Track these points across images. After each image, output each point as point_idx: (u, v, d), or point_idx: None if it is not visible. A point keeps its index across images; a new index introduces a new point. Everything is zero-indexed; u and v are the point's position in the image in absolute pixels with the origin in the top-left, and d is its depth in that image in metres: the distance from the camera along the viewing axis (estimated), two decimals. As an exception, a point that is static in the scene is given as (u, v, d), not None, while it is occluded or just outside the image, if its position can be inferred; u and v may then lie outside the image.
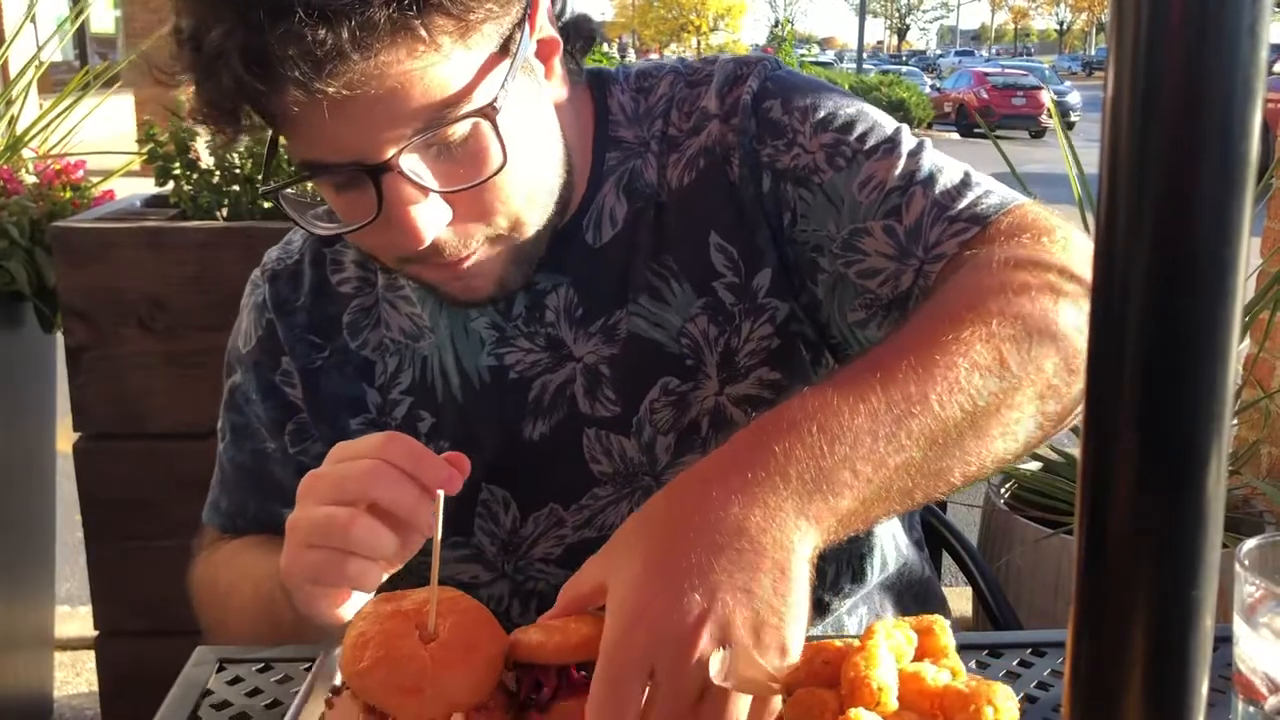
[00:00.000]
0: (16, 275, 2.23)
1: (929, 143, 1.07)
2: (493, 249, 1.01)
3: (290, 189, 1.00)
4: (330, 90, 0.85)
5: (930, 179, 1.02)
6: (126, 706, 2.26)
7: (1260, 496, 2.64)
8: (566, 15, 1.09)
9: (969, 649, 0.99)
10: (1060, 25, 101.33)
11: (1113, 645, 0.39)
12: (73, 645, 2.92)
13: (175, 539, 1.24)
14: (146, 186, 2.38)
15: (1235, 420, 2.81)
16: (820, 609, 1.16)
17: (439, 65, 0.89)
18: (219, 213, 2.23)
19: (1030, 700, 0.92)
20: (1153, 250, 0.37)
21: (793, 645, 0.74)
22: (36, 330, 2.36)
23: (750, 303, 1.08)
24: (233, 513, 1.21)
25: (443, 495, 0.82)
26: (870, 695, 0.66)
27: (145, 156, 2.26)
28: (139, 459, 2.17)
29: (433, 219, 0.94)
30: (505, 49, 0.95)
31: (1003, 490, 2.75)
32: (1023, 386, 0.83)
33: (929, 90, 28.89)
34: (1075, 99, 27.96)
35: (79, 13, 3.48)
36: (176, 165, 2.23)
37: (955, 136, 23.23)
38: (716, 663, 0.70)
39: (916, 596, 1.27)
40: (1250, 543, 0.76)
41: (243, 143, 2.19)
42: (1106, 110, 0.37)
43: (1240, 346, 2.59)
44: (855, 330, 1.05)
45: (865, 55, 48.38)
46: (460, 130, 0.93)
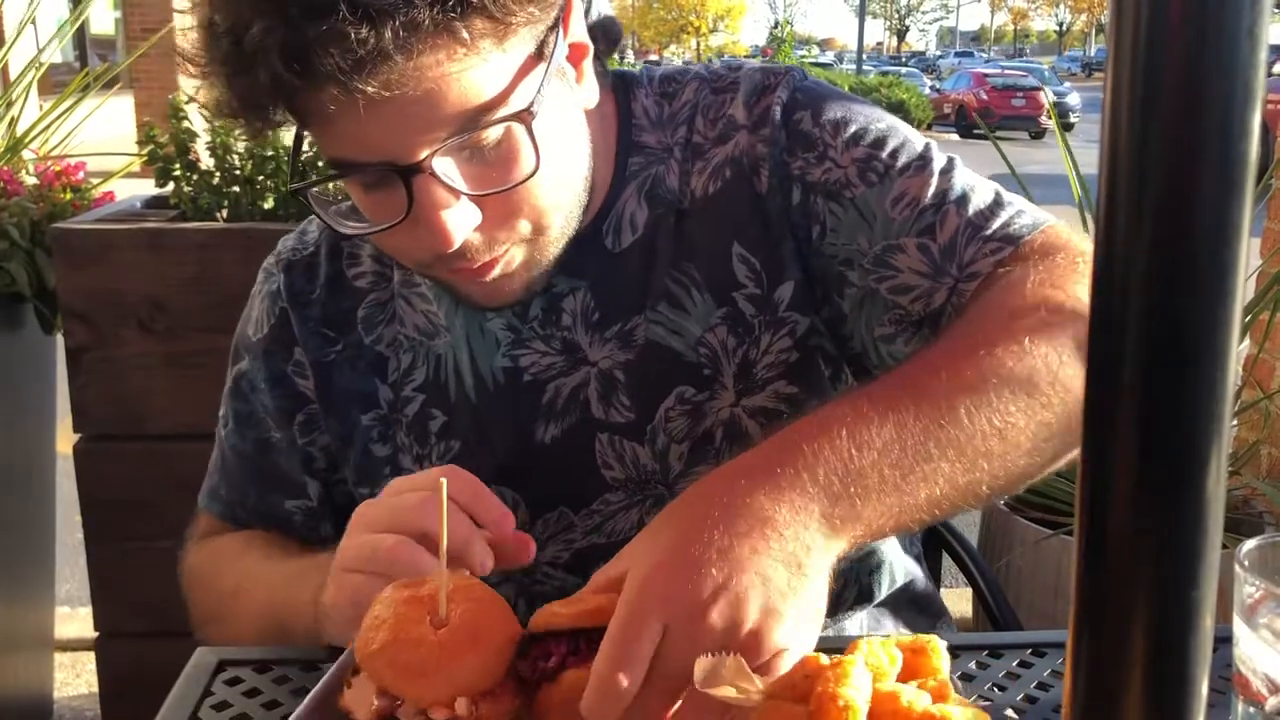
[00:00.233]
0: (17, 276, 2.23)
1: (959, 160, 1.08)
2: (518, 253, 1.00)
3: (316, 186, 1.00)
4: (369, 90, 0.84)
5: (963, 198, 1.03)
6: (126, 707, 2.26)
7: (1260, 497, 2.64)
8: (592, 16, 1.08)
9: (969, 650, 0.99)
10: (1060, 26, 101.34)
11: (1113, 646, 0.39)
12: (73, 646, 2.92)
13: (175, 540, 1.24)
14: (146, 188, 2.38)
15: (1235, 421, 2.81)
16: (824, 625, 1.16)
17: (477, 68, 0.89)
18: (219, 214, 2.23)
19: (1030, 701, 0.92)
20: (1152, 251, 0.37)
21: (798, 644, 0.75)
22: (37, 331, 2.36)
23: (771, 315, 1.08)
24: (233, 501, 1.21)
25: (445, 483, 0.82)
26: (837, 713, 0.66)
27: (145, 158, 2.26)
28: (139, 460, 2.17)
29: (462, 222, 0.93)
30: (540, 53, 0.94)
31: (1003, 491, 2.74)
32: (1052, 405, 0.84)
33: (928, 91, 28.89)
34: (1075, 100, 27.98)
35: (79, 14, 3.48)
36: (176, 166, 2.23)
37: (955, 137, 23.24)
38: (701, 668, 0.70)
39: (922, 610, 1.26)
40: (1250, 543, 0.76)
41: (242, 143, 2.21)
42: (1106, 111, 0.37)
43: (1240, 347, 2.59)
44: (880, 344, 1.06)
45: (865, 56, 48.36)
46: (494, 134, 0.92)
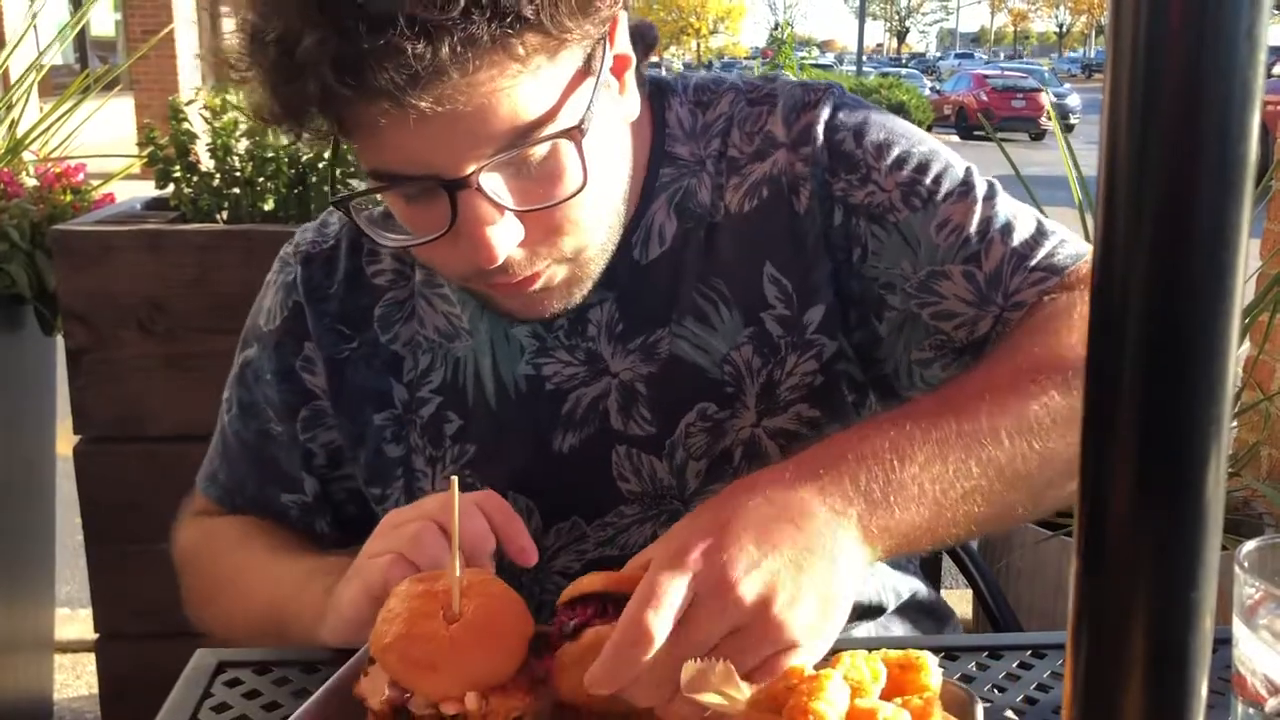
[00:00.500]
0: (17, 278, 2.23)
1: (999, 185, 1.08)
2: (558, 269, 0.99)
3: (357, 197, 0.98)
4: (422, 105, 0.83)
5: (1008, 227, 1.04)
6: (126, 709, 2.26)
7: (1260, 498, 2.64)
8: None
9: (969, 651, 0.99)
10: (1060, 28, 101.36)
11: (1112, 647, 0.39)
12: (73, 648, 2.91)
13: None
14: (147, 189, 2.38)
15: (1235, 422, 2.81)
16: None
17: (528, 84, 0.88)
18: (219, 216, 2.23)
19: (1030, 702, 0.92)
20: (1152, 252, 0.37)
21: (818, 640, 0.77)
22: (37, 333, 2.36)
23: (798, 337, 1.07)
24: (231, 488, 1.21)
25: (456, 480, 0.82)
26: None
27: (145, 160, 2.26)
28: (139, 462, 2.17)
29: (506, 237, 0.93)
30: (588, 67, 0.93)
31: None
32: None
33: (928, 93, 28.87)
34: (1075, 101, 27.98)
35: (80, 17, 3.48)
36: (177, 168, 2.23)
37: (955, 139, 23.25)
38: (688, 672, 0.71)
39: (929, 613, 1.26)
40: (1250, 545, 0.76)
41: (242, 145, 2.21)
42: (1105, 113, 0.37)
43: (1240, 349, 2.59)
44: (916, 368, 1.06)
45: (865, 58, 48.41)
46: (541, 150, 0.91)
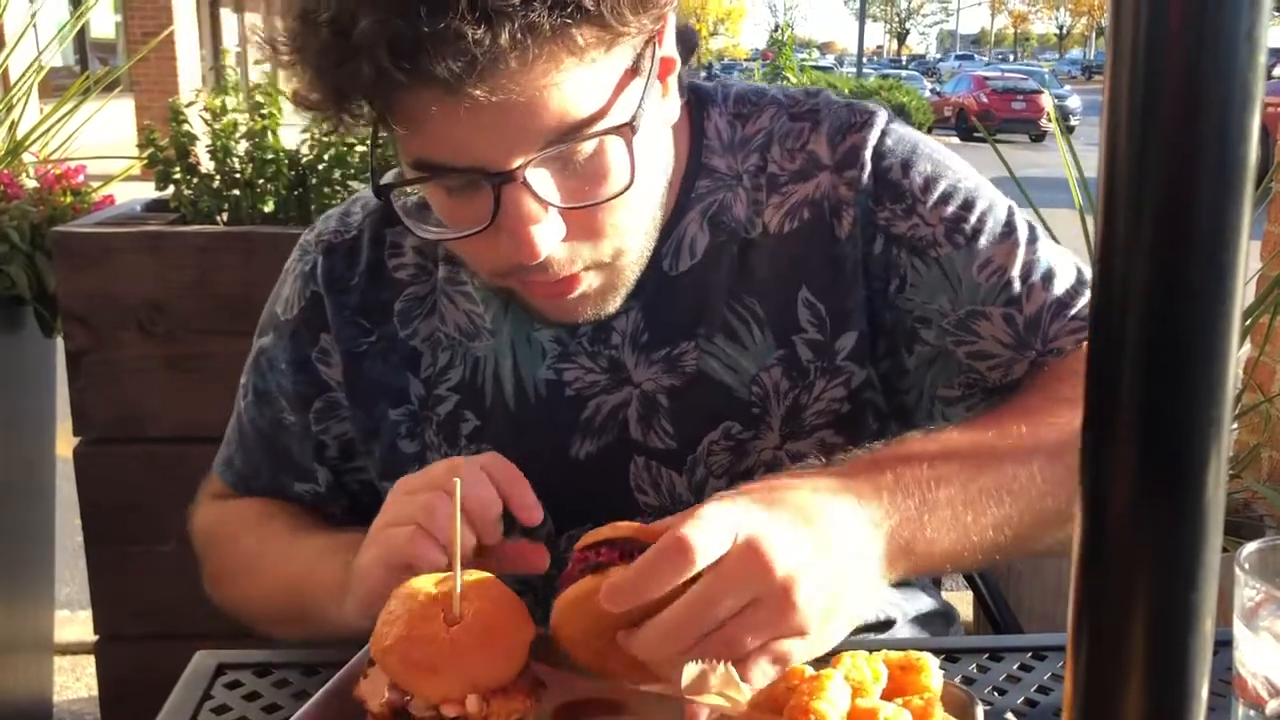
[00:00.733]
0: (17, 280, 2.23)
1: (1039, 229, 1.08)
2: (597, 272, 0.99)
3: (393, 182, 0.97)
4: (477, 93, 0.82)
5: (1049, 274, 1.04)
6: (126, 711, 2.26)
7: (1261, 500, 2.63)
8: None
9: (969, 653, 0.99)
10: (1060, 29, 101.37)
11: (1113, 649, 0.39)
12: (73, 650, 2.91)
13: (175, 543, 1.24)
14: (147, 191, 2.38)
15: (1235, 424, 2.81)
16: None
17: (582, 78, 0.87)
18: (219, 217, 2.23)
19: (1031, 704, 0.92)
20: (1152, 254, 0.37)
21: (820, 641, 0.79)
22: (37, 334, 2.36)
23: (828, 362, 1.07)
24: (246, 474, 1.21)
25: (459, 484, 0.82)
26: None
27: (145, 161, 2.26)
28: (139, 463, 2.17)
29: (549, 235, 0.91)
30: (636, 66, 0.92)
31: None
32: None
33: (929, 94, 28.85)
34: (1075, 103, 27.96)
35: (79, 18, 3.49)
36: (177, 170, 2.22)
37: (955, 140, 23.23)
38: (688, 674, 0.72)
39: (936, 615, 1.25)
40: (1250, 546, 0.76)
41: (242, 147, 2.21)
42: (1105, 115, 0.37)
43: (1240, 350, 2.59)
44: (939, 404, 1.07)
45: (865, 59, 48.41)
46: (588, 146, 0.90)
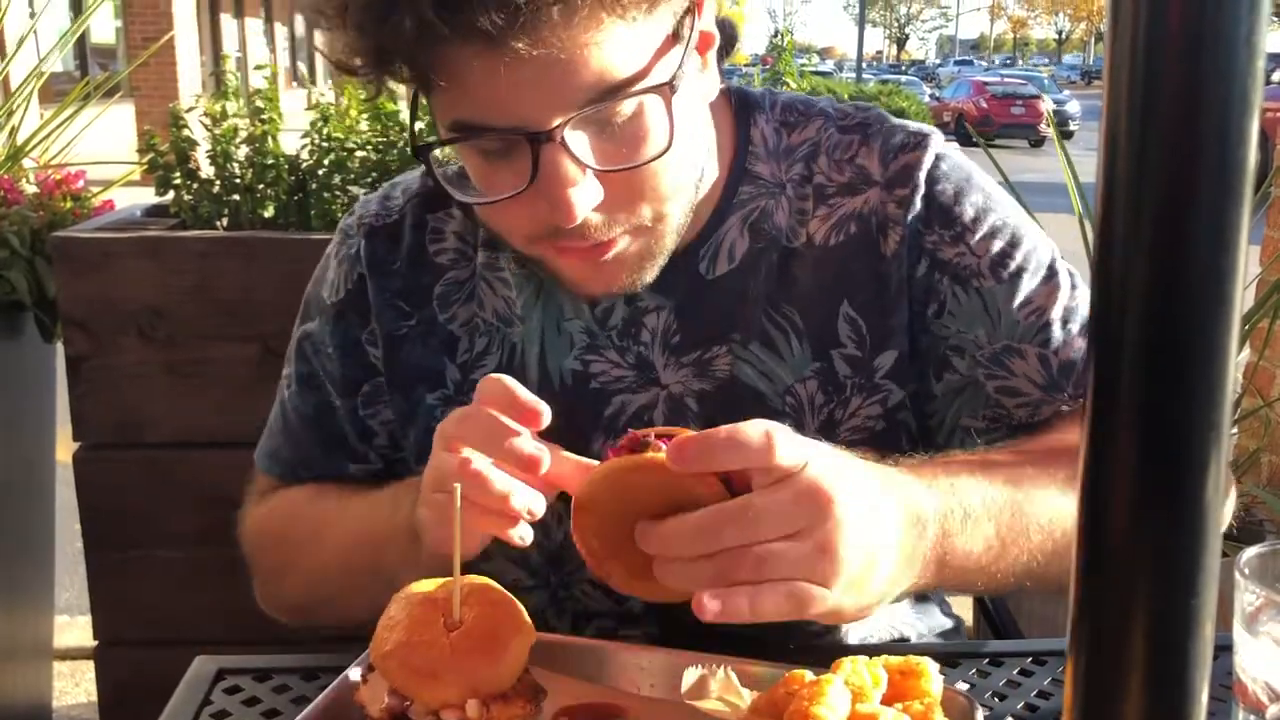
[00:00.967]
0: (17, 285, 2.23)
1: (1078, 274, 1.08)
2: (633, 239, 0.98)
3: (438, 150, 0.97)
4: (519, 46, 0.82)
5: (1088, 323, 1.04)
6: (126, 716, 2.25)
7: (1260, 505, 2.63)
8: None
9: (969, 658, 0.99)
10: (1059, 34, 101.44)
11: (1113, 653, 0.39)
12: (72, 655, 2.91)
13: (175, 548, 1.24)
14: (147, 196, 2.38)
15: (1235, 429, 2.80)
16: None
17: (623, 38, 0.87)
18: (219, 222, 2.23)
19: (1031, 709, 0.92)
20: (1151, 258, 0.37)
21: (839, 605, 0.79)
22: (36, 340, 2.36)
23: (866, 379, 1.06)
24: (295, 463, 1.19)
25: (459, 488, 0.82)
26: None
27: (145, 166, 2.26)
28: (139, 468, 2.16)
29: (586, 197, 0.91)
30: (676, 34, 0.92)
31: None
32: None
33: (928, 99, 28.83)
34: (1074, 108, 27.96)
35: (80, 23, 3.49)
36: (177, 175, 2.23)
37: (955, 145, 23.21)
38: (688, 679, 0.72)
39: (941, 616, 1.25)
40: (1250, 551, 0.76)
41: (242, 152, 2.21)
42: (1104, 119, 0.37)
43: (1240, 355, 2.59)
44: (960, 433, 1.06)
45: (864, 64, 48.44)
46: (627, 108, 0.90)
